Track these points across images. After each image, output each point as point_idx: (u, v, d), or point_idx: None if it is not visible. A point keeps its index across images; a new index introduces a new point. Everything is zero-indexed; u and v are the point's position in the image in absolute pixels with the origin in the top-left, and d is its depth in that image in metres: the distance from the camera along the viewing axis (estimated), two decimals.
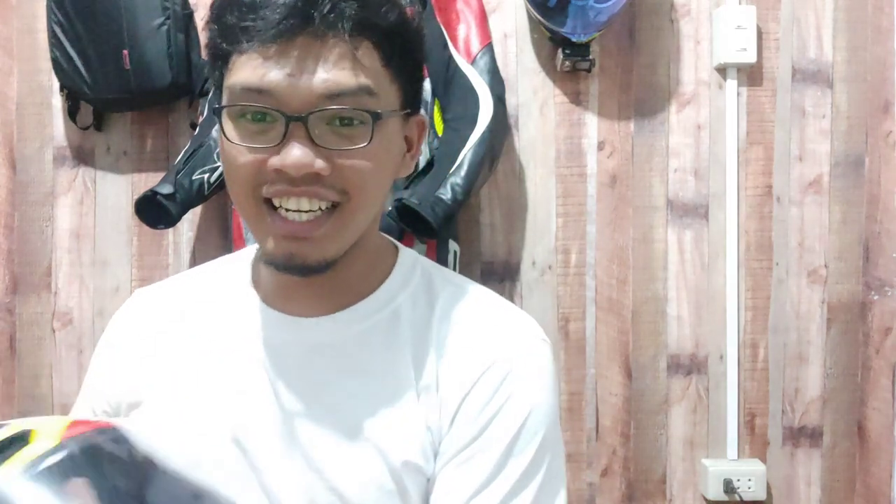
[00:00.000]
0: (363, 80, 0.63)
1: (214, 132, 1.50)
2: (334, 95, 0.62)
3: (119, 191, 1.66)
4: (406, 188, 1.44)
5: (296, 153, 0.61)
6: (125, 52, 1.50)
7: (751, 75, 1.65)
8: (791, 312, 1.66)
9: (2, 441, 0.52)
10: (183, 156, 1.49)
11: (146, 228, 1.49)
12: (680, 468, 1.66)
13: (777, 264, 1.66)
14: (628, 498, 1.66)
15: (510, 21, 1.64)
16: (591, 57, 1.58)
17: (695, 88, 1.65)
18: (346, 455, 0.67)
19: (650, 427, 1.66)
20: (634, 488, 1.66)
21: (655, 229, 1.66)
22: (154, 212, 1.45)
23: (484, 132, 1.43)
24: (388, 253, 0.77)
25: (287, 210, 0.63)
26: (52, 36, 1.53)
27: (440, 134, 1.49)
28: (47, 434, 0.53)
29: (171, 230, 1.63)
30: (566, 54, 1.57)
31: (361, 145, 0.63)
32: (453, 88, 1.47)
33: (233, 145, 0.64)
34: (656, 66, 1.66)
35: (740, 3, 1.64)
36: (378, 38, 0.64)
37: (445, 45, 1.48)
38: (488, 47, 1.51)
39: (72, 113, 1.62)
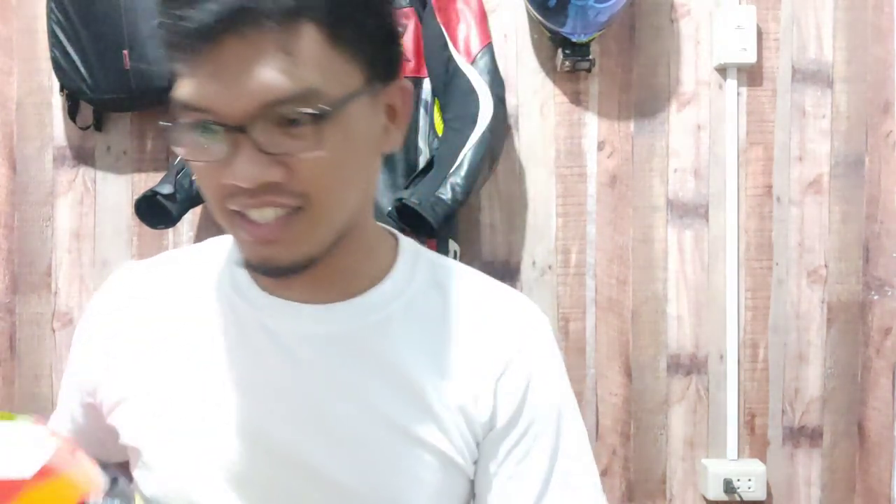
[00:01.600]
0: (303, 78, 0.55)
1: None
2: (272, 102, 0.55)
3: (119, 191, 1.66)
4: (406, 188, 1.44)
5: (243, 167, 0.56)
6: (125, 52, 1.50)
7: (751, 75, 1.65)
8: (791, 312, 1.66)
9: None
10: None
11: (146, 228, 1.49)
12: (680, 468, 1.66)
13: (777, 264, 1.66)
14: (628, 498, 1.66)
15: (510, 21, 1.64)
16: (591, 57, 1.58)
17: (695, 88, 1.65)
18: (390, 454, 0.65)
19: (650, 427, 1.66)
20: (634, 488, 1.66)
21: (655, 229, 1.66)
22: (154, 212, 1.45)
23: (484, 132, 1.43)
24: (388, 242, 0.73)
25: (259, 218, 0.60)
26: (52, 36, 1.53)
27: (440, 134, 1.49)
28: None
29: (171, 230, 1.63)
30: (566, 54, 1.57)
31: (316, 151, 0.57)
32: (453, 88, 1.47)
33: (189, 160, 0.61)
34: (656, 66, 1.66)
35: (740, 3, 1.64)
36: (320, 14, 0.56)
37: (445, 45, 1.48)
38: (488, 47, 1.51)
39: (72, 113, 1.62)
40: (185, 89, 0.57)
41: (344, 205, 0.62)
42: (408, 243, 0.74)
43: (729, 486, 1.59)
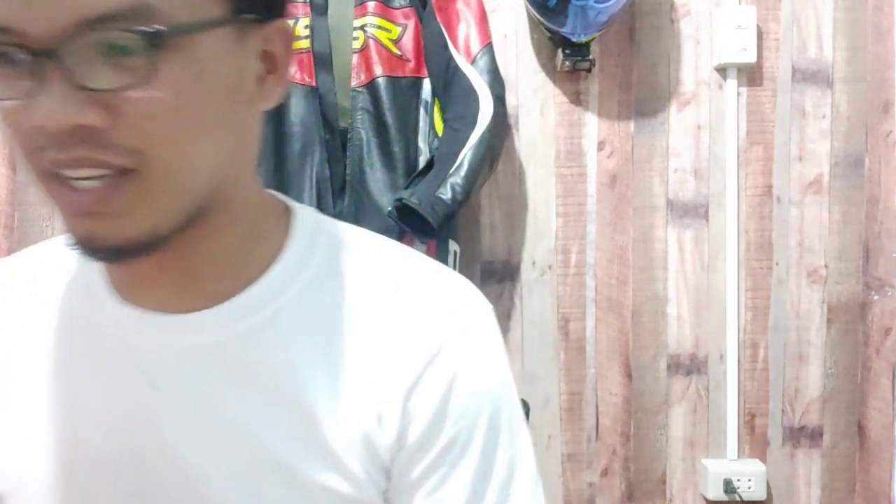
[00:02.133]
0: None
1: None
2: (91, 19, 0.42)
3: None
4: (406, 188, 1.44)
5: (48, 103, 0.42)
6: None
7: (751, 75, 1.65)
8: (791, 312, 1.66)
9: None
10: None
11: None
12: (680, 468, 1.66)
13: (777, 264, 1.66)
14: (628, 498, 1.66)
15: (510, 21, 1.64)
16: (591, 57, 1.58)
17: (695, 88, 1.65)
18: (252, 488, 0.52)
19: (650, 427, 1.66)
20: (634, 488, 1.66)
21: (655, 229, 1.66)
22: None
23: (484, 132, 1.43)
24: (277, 220, 0.57)
25: (74, 179, 0.45)
26: None
27: (440, 134, 1.49)
28: None
29: None
30: (566, 54, 1.57)
31: (150, 90, 0.43)
32: (453, 88, 1.47)
33: None
34: (656, 66, 1.66)
35: (740, 3, 1.64)
36: None
37: (445, 46, 1.48)
38: (488, 47, 1.51)
39: None
40: None
41: (193, 165, 0.47)
42: (304, 218, 0.58)
43: (729, 486, 1.59)
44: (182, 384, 0.52)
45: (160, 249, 0.48)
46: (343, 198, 1.46)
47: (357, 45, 1.46)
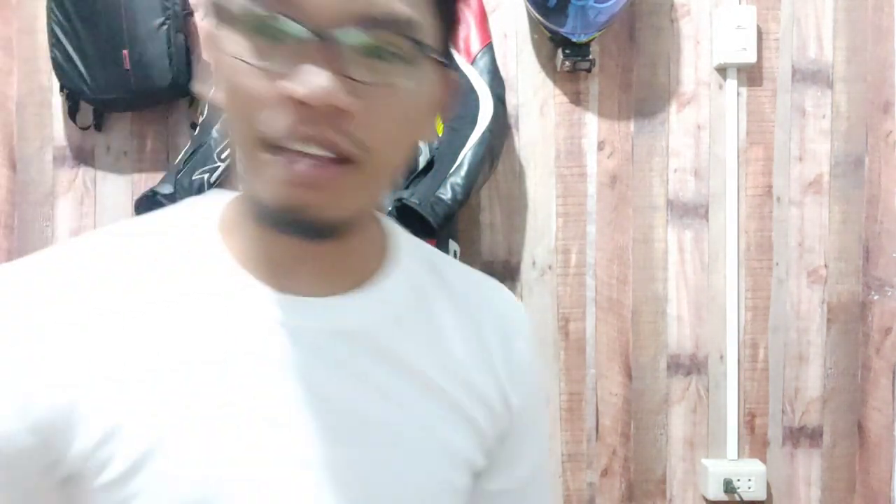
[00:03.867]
0: (414, 10, 0.48)
1: (215, 132, 1.50)
2: (376, 20, 0.47)
3: (119, 191, 1.66)
4: (406, 188, 1.44)
5: (318, 79, 0.45)
6: (125, 52, 1.50)
7: (751, 75, 1.65)
8: (791, 312, 1.66)
9: None
10: (183, 156, 1.49)
11: None
12: (680, 468, 1.66)
13: (777, 264, 1.66)
14: (628, 498, 1.66)
15: (510, 21, 1.64)
16: (591, 57, 1.58)
17: (695, 88, 1.65)
18: (413, 460, 0.58)
19: (650, 427, 1.66)
20: (634, 488, 1.66)
21: (655, 229, 1.66)
22: (154, 212, 1.45)
23: (484, 132, 1.43)
24: (380, 224, 0.64)
25: (299, 152, 0.48)
26: (52, 36, 1.53)
27: (440, 134, 1.49)
28: None
29: None
30: (566, 54, 1.57)
31: (406, 83, 0.49)
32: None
33: (235, 65, 0.47)
34: (656, 66, 1.66)
35: (740, 3, 1.64)
36: None
37: None
38: (488, 47, 1.51)
39: (72, 113, 1.62)
40: None
41: (394, 169, 0.54)
42: (394, 225, 0.65)
43: (729, 486, 1.59)
44: (336, 362, 0.56)
45: (342, 234, 0.53)
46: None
47: None
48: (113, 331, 0.53)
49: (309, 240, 0.53)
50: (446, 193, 1.38)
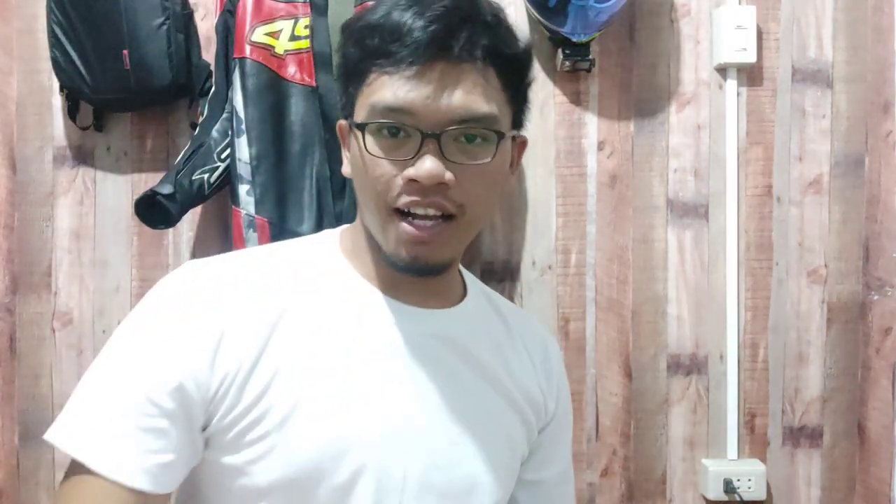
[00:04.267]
0: (492, 106, 0.70)
1: (215, 132, 1.50)
2: (468, 118, 0.69)
3: (119, 191, 1.66)
4: None
5: (429, 165, 0.68)
6: (125, 52, 1.50)
7: (751, 75, 1.65)
8: (791, 312, 1.66)
9: None
10: (183, 156, 1.49)
11: (146, 228, 1.49)
12: (680, 468, 1.66)
13: (777, 264, 1.66)
14: (628, 498, 1.66)
15: (510, 21, 1.64)
16: (591, 57, 1.58)
17: (695, 88, 1.65)
18: (484, 442, 0.77)
19: (650, 427, 1.66)
20: (634, 488, 1.66)
21: (655, 229, 1.66)
22: (154, 212, 1.45)
23: None
24: (459, 263, 0.87)
25: (415, 217, 0.70)
26: (52, 36, 1.53)
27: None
28: None
29: (171, 230, 1.63)
30: (566, 54, 1.57)
31: (485, 160, 0.71)
32: None
33: (371, 157, 0.70)
34: (656, 66, 1.66)
35: (740, 3, 1.64)
36: (503, 66, 0.72)
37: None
38: None
39: (72, 113, 1.62)
40: (390, 94, 0.68)
41: (482, 222, 0.76)
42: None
43: (729, 486, 1.59)
44: (433, 358, 0.77)
45: (442, 273, 0.77)
46: (343, 198, 1.46)
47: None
48: (274, 316, 0.73)
49: (423, 277, 0.75)
50: None
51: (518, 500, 0.88)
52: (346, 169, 0.80)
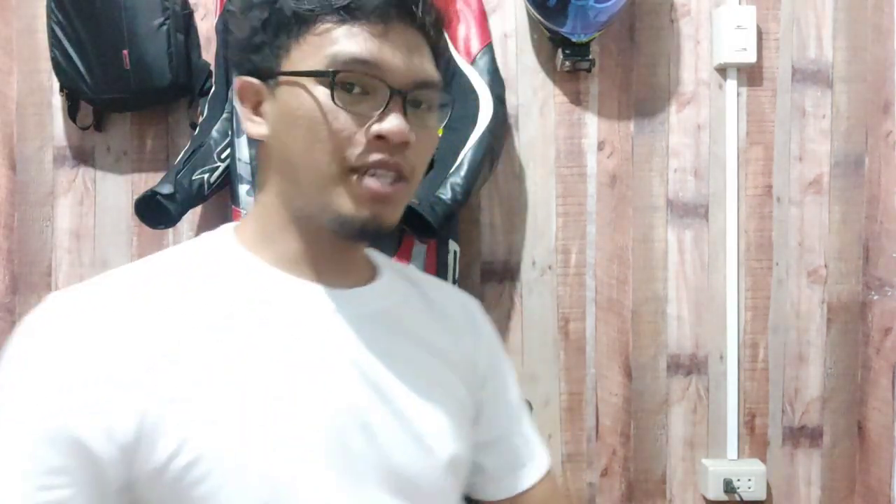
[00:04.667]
0: (440, 75, 0.71)
1: (215, 132, 1.50)
2: (426, 83, 0.69)
3: (119, 191, 1.66)
4: None
5: (399, 122, 0.66)
6: (125, 52, 1.50)
7: (751, 75, 1.65)
8: (791, 312, 1.66)
9: None
10: (183, 156, 1.49)
11: (146, 228, 1.49)
12: (680, 468, 1.66)
13: (777, 264, 1.66)
14: (628, 498, 1.66)
15: (510, 21, 1.64)
16: (591, 57, 1.58)
17: (695, 88, 1.65)
18: (437, 417, 0.74)
19: (650, 427, 1.66)
20: (634, 488, 1.66)
21: (655, 229, 1.66)
22: (154, 212, 1.45)
23: (484, 132, 1.43)
24: None
25: (375, 174, 0.67)
26: (52, 36, 1.53)
27: (440, 134, 1.49)
28: None
29: (171, 230, 1.63)
30: (566, 54, 1.57)
31: (433, 127, 0.71)
32: (453, 88, 1.47)
33: (329, 110, 0.66)
34: (656, 66, 1.66)
35: (740, 3, 1.64)
36: (439, 39, 0.74)
37: (445, 45, 1.48)
38: (488, 47, 1.51)
39: (72, 113, 1.62)
40: (357, 46, 0.66)
41: (418, 184, 0.73)
42: None
43: (729, 486, 1.59)
44: (373, 339, 0.72)
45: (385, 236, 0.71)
46: None
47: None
48: (179, 349, 0.62)
49: (360, 243, 0.73)
50: (446, 193, 1.38)
51: (485, 467, 0.84)
52: (259, 130, 0.71)
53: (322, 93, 0.66)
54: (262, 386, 0.64)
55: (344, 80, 0.66)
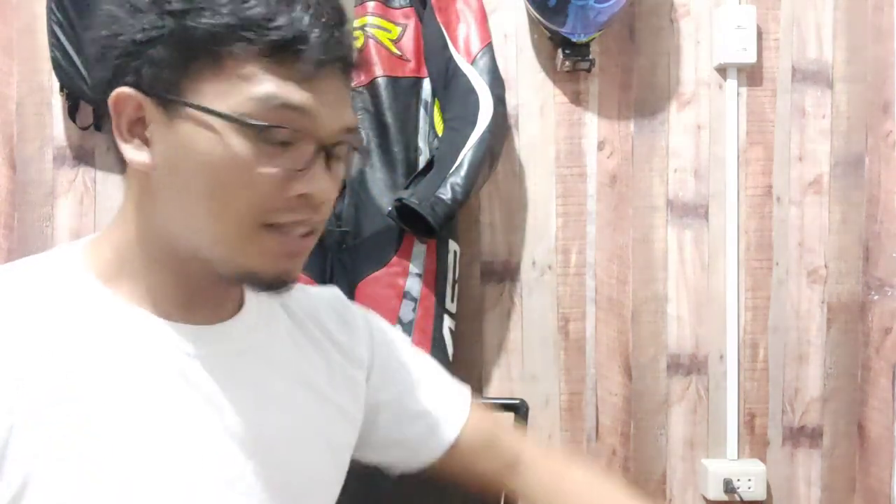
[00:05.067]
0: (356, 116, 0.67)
1: None
2: (350, 131, 0.63)
3: (119, 191, 1.66)
4: (406, 188, 1.44)
5: (325, 181, 0.61)
6: None
7: (751, 75, 1.65)
8: (791, 312, 1.66)
9: None
10: None
11: None
12: (680, 468, 1.66)
13: (777, 264, 1.66)
14: None
15: (510, 21, 1.64)
16: (591, 57, 1.58)
17: (695, 88, 1.65)
18: (307, 457, 0.70)
19: (650, 427, 1.66)
20: (634, 488, 1.66)
21: (655, 229, 1.66)
22: None
23: (484, 132, 1.43)
24: None
25: (294, 232, 0.62)
26: (52, 36, 1.53)
27: (440, 134, 1.49)
28: None
29: None
30: (566, 54, 1.57)
31: (342, 176, 0.65)
32: (453, 88, 1.47)
33: (246, 162, 0.58)
34: (656, 66, 1.66)
35: (740, 3, 1.64)
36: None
37: (445, 46, 1.48)
38: (488, 47, 1.51)
39: (72, 113, 1.62)
40: (288, 91, 0.58)
41: None
42: None
43: (729, 486, 1.59)
44: (235, 377, 0.66)
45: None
46: (343, 198, 1.46)
47: (356, 45, 1.46)
48: (26, 382, 0.56)
49: (279, 293, 0.65)
50: (446, 193, 1.38)
51: (407, 437, 0.80)
52: (140, 158, 0.65)
53: (239, 142, 0.57)
54: (114, 443, 0.57)
55: (267, 129, 0.57)
